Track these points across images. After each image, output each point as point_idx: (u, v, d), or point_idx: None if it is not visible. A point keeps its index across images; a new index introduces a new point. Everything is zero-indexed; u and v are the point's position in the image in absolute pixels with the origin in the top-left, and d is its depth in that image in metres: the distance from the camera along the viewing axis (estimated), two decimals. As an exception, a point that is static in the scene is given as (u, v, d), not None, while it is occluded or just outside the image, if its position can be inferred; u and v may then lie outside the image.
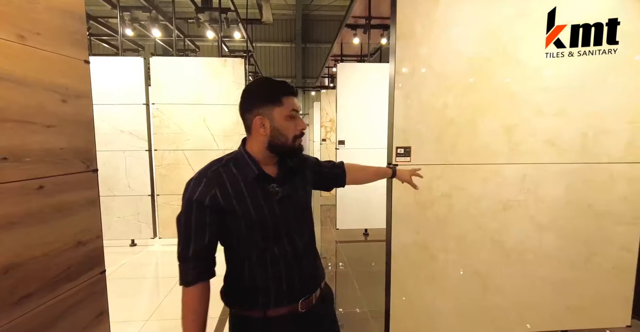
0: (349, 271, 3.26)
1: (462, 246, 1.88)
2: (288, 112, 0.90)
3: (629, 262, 1.99)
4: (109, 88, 3.55)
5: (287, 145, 0.92)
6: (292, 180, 0.98)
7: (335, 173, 1.18)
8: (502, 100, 1.82)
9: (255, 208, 0.89)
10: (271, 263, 0.91)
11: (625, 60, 1.83)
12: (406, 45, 1.74)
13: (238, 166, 0.92)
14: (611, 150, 1.90)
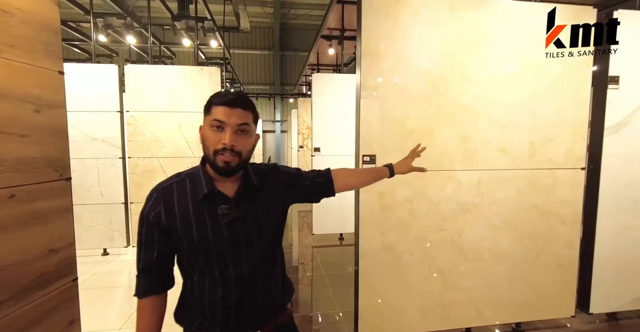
0: (323, 275, 3.35)
1: (424, 246, 2.02)
2: (210, 120, 0.83)
3: (572, 258, 2.20)
4: (81, 95, 3.51)
5: (210, 160, 0.84)
6: (252, 199, 0.90)
7: (319, 183, 1.06)
8: (458, 112, 1.99)
9: (199, 230, 0.84)
10: (210, 288, 0.86)
11: (560, 80, 2.06)
12: (370, 62, 1.88)
13: (193, 181, 0.88)
14: (554, 157, 2.11)
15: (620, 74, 2.16)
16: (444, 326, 2.09)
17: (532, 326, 2.32)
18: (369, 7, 1.84)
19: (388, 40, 1.88)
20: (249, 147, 0.87)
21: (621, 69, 2.16)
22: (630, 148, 2.23)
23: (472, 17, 1.95)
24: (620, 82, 2.17)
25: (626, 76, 2.16)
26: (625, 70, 2.16)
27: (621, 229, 2.29)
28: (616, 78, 2.16)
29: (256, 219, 0.89)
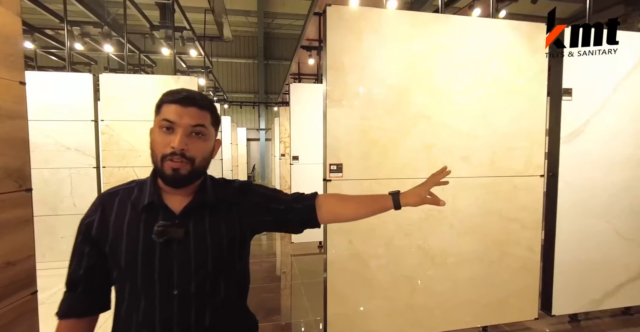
0: (299, 283, 3.36)
1: (391, 252, 2.08)
2: (159, 121, 0.72)
3: (534, 262, 2.29)
4: (55, 104, 3.48)
5: (157, 167, 0.72)
6: (201, 220, 0.75)
7: (297, 210, 0.86)
8: (421, 123, 2.07)
9: (129, 246, 0.71)
10: (136, 322, 0.72)
11: (517, 91, 2.18)
12: (336, 75, 1.95)
13: (140, 190, 0.76)
14: (514, 165, 2.21)
15: (572, 87, 2.30)
16: (412, 330, 2.14)
17: (498, 329, 2.39)
18: (333, 22, 1.91)
19: (352, 54, 1.96)
20: (204, 153, 0.74)
21: (573, 82, 2.29)
22: (584, 156, 2.36)
23: (433, 32, 2.05)
24: (573, 94, 2.30)
25: (578, 88, 2.30)
26: (577, 83, 2.30)
27: (579, 232, 2.40)
28: (569, 90, 2.30)
29: (200, 247, 0.73)
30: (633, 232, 2.49)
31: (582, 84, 2.31)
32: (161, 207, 0.74)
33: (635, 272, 2.53)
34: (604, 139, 2.37)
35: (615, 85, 2.37)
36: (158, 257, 0.71)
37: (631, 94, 2.40)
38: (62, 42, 4.97)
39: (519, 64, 2.19)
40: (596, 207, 2.41)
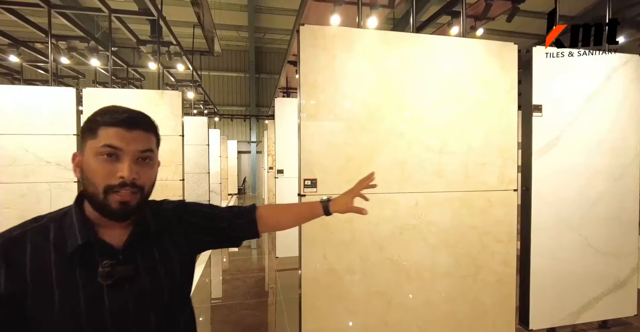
0: (281, 299, 3.32)
1: (365, 267, 2.08)
2: (98, 147, 0.62)
3: (509, 276, 2.31)
4: (36, 118, 3.46)
5: (98, 200, 0.62)
6: (148, 251, 0.70)
7: (238, 224, 0.85)
8: (394, 138, 2.11)
9: (65, 300, 0.60)
10: None
11: (489, 108, 2.24)
12: (310, 91, 1.99)
13: (61, 228, 0.64)
14: (487, 179, 2.25)
15: (542, 103, 2.37)
16: (388, 347, 2.12)
17: (477, 344, 2.38)
18: (306, 41, 1.97)
19: (326, 72, 2.01)
20: (152, 179, 0.70)
21: (543, 99, 2.37)
22: (556, 170, 2.41)
23: (405, 51, 2.12)
24: (544, 110, 2.38)
25: (547, 105, 2.38)
26: (547, 100, 2.38)
27: (554, 245, 2.43)
28: (539, 106, 2.37)
29: (153, 280, 0.68)
30: (606, 244, 2.53)
31: (552, 100, 2.39)
32: (98, 244, 0.64)
33: (610, 285, 2.56)
34: (574, 154, 2.44)
35: (584, 103, 2.45)
36: (108, 302, 0.62)
37: (599, 110, 2.48)
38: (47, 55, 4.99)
39: (490, 81, 2.26)
40: (570, 220, 2.45)
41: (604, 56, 2.50)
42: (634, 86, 2.56)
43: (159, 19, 3.59)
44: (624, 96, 2.54)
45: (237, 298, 3.25)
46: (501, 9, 3.60)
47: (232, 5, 8.44)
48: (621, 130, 2.54)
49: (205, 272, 4.08)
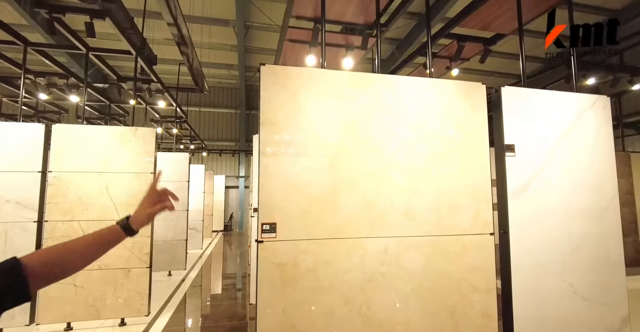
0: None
1: (331, 322, 1.87)
2: None
3: (492, 329, 2.10)
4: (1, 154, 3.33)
5: None
6: None
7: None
8: (362, 179, 2.01)
9: None
10: None
11: (460, 148, 2.18)
12: (270, 131, 1.91)
13: None
14: (461, 222, 2.13)
15: (515, 143, 2.33)
16: None
17: None
18: (267, 80, 1.93)
19: (287, 111, 1.95)
20: None
21: (515, 139, 2.33)
22: (534, 212, 2.30)
23: (371, 90, 2.09)
24: (516, 150, 2.32)
25: (519, 145, 2.33)
26: (518, 140, 2.33)
27: (538, 293, 2.25)
28: (511, 146, 2.32)
29: None
30: (593, 292, 2.36)
31: (525, 140, 2.35)
32: None
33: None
34: (551, 195, 2.35)
35: (556, 143, 2.41)
36: None
37: (572, 151, 2.43)
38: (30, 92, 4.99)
39: (460, 121, 2.22)
40: (552, 266, 2.30)
41: (573, 96, 2.51)
42: (605, 127, 2.55)
43: (137, 57, 3.61)
44: (596, 137, 2.51)
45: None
46: (474, 51, 3.71)
47: (223, 45, 8.73)
48: (597, 171, 2.48)
49: (172, 322, 3.74)
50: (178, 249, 5.68)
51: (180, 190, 5.70)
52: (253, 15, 7.52)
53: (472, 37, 3.30)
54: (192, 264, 6.54)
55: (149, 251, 3.57)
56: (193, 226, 7.47)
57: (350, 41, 3.46)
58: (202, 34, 7.83)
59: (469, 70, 6.31)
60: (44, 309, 3.31)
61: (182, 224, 5.71)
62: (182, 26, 4.61)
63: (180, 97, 8.07)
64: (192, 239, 7.42)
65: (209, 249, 8.58)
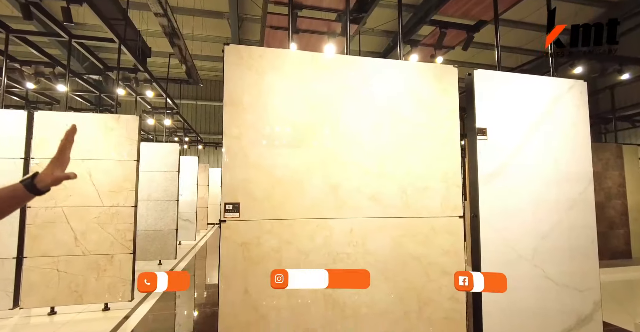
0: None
1: (294, 303, 1.88)
2: None
3: (459, 313, 2.11)
4: (-18, 141, 3.35)
5: None
6: None
7: None
8: (328, 162, 2.01)
9: None
10: None
11: (429, 131, 2.17)
12: (234, 112, 1.91)
13: None
14: (429, 205, 2.13)
15: (487, 126, 2.31)
16: None
17: (427, 392, 2.12)
18: (231, 60, 1.92)
19: (253, 93, 1.94)
20: None
21: (487, 122, 2.31)
22: (506, 196, 2.29)
23: (337, 73, 2.08)
24: (489, 134, 2.31)
25: (492, 129, 2.31)
26: (491, 124, 2.32)
27: (508, 278, 2.25)
28: (483, 130, 2.30)
29: None
30: (565, 277, 2.36)
31: (498, 124, 2.33)
32: None
33: (573, 321, 2.35)
34: (523, 180, 2.34)
35: (530, 128, 2.39)
36: None
37: (547, 136, 2.42)
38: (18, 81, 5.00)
39: (429, 104, 2.20)
40: (523, 251, 2.30)
41: (549, 80, 2.48)
42: (581, 112, 2.53)
43: (120, 46, 3.61)
44: (572, 122, 2.49)
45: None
46: (458, 39, 3.67)
47: (218, 38, 8.68)
48: (571, 158, 2.46)
49: (155, 307, 3.77)
50: (168, 238, 5.71)
51: (169, 180, 5.71)
52: (247, 7, 7.47)
53: (454, 24, 3.26)
54: (184, 255, 6.58)
55: (132, 237, 3.59)
56: (186, 217, 7.50)
57: (332, 28, 3.44)
58: (196, 26, 7.80)
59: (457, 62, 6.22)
60: (26, 294, 3.34)
61: (172, 214, 5.73)
62: (172, 17, 4.59)
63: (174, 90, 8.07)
64: (185, 230, 7.46)
65: (203, 240, 8.63)
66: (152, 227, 5.61)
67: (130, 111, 8.14)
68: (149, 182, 5.59)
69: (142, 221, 5.45)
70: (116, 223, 3.56)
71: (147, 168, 5.49)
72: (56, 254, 3.41)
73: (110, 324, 3.24)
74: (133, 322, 3.32)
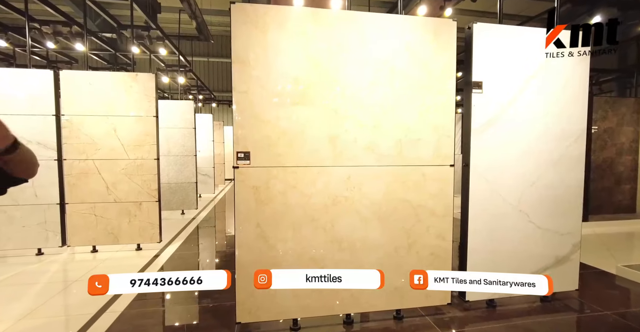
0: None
1: (298, 236, 2.19)
2: None
3: (444, 249, 2.39)
4: (16, 99, 3.64)
5: None
6: None
7: None
8: (326, 115, 2.18)
9: None
10: None
11: (424, 86, 2.28)
12: (242, 69, 2.07)
13: None
14: (422, 155, 2.32)
15: (483, 80, 2.40)
16: (320, 312, 2.25)
17: (413, 313, 2.49)
18: (238, 18, 2.04)
19: (257, 49, 2.08)
20: None
21: (483, 76, 2.39)
22: (497, 146, 2.45)
23: (337, 28, 2.17)
24: (484, 87, 2.40)
25: (488, 83, 2.40)
26: (487, 77, 2.40)
27: (494, 221, 2.49)
28: (479, 83, 2.40)
29: None
30: (547, 221, 2.58)
31: (493, 78, 2.41)
32: None
33: (551, 260, 2.61)
34: (515, 132, 2.47)
35: (525, 82, 2.46)
36: None
37: (543, 88, 2.49)
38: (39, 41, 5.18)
39: (424, 58, 2.29)
40: (509, 197, 2.50)
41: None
42: (581, 66, 2.55)
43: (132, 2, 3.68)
44: (571, 75, 2.53)
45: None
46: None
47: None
48: (565, 111, 2.55)
49: (181, 248, 4.26)
50: (189, 191, 6.18)
51: (186, 136, 6.03)
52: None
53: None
54: (204, 206, 7.12)
55: (156, 187, 3.97)
56: (205, 172, 7.96)
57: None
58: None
59: (466, 11, 5.91)
60: (71, 235, 3.86)
61: (191, 168, 6.13)
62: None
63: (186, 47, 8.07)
64: (204, 184, 7.96)
65: (222, 193, 9.20)
66: (174, 180, 6.05)
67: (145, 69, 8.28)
68: (168, 138, 5.92)
69: (163, 174, 5.88)
70: (142, 174, 3.93)
71: (165, 125, 5.78)
72: (92, 201, 3.85)
73: (143, 261, 3.74)
74: (162, 259, 3.82)
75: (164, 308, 2.73)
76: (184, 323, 2.46)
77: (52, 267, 3.58)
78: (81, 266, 3.64)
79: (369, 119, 2.24)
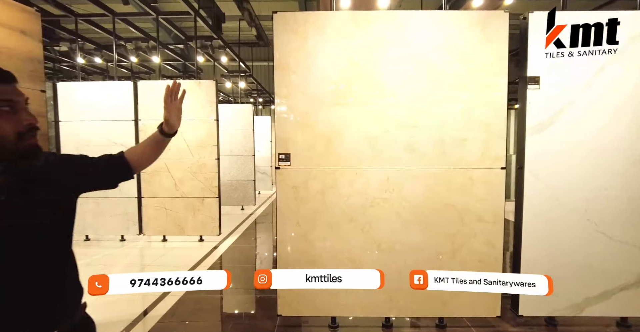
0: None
1: (336, 235, 2.24)
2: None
3: (494, 257, 2.24)
4: (104, 107, 4.27)
5: (8, 147, 0.73)
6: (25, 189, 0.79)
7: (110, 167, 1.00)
8: (365, 116, 2.19)
9: None
10: None
11: (469, 82, 2.15)
12: (283, 74, 2.18)
13: None
14: (467, 157, 2.20)
15: (539, 75, 2.18)
16: (358, 313, 2.27)
17: (459, 323, 2.37)
18: (279, 27, 2.15)
19: (298, 55, 2.17)
20: None
21: (541, 70, 2.18)
22: (557, 148, 2.21)
23: (375, 28, 2.15)
24: (541, 82, 2.19)
25: (546, 77, 2.18)
26: (545, 72, 2.18)
27: (553, 229, 2.26)
28: (536, 78, 2.19)
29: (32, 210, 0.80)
30: (622, 232, 2.25)
31: (554, 71, 2.18)
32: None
33: (630, 279, 2.27)
34: (580, 132, 2.20)
35: (596, 73, 2.17)
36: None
37: (614, 82, 2.17)
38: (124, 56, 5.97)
39: (468, 54, 2.15)
40: (573, 204, 2.24)
41: (627, 15, 2.16)
42: (671, 50, 2.17)
43: (195, 17, 4.06)
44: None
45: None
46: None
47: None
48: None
49: (239, 240, 4.58)
50: (248, 188, 6.59)
51: (246, 137, 6.44)
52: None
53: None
54: (262, 202, 7.53)
55: (217, 184, 4.33)
56: (263, 170, 8.41)
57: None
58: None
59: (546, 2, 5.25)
60: (146, 225, 4.39)
61: (250, 167, 6.53)
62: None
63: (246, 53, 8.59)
64: (263, 182, 8.41)
65: (279, 192, 9.63)
66: (235, 177, 6.51)
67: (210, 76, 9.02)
68: (230, 139, 6.38)
69: (225, 172, 6.36)
70: (204, 172, 4.31)
71: (227, 127, 6.24)
72: (163, 196, 4.34)
73: (204, 251, 4.11)
74: (221, 250, 4.15)
75: (219, 295, 2.99)
76: (232, 312, 2.67)
77: (132, 252, 4.13)
78: (154, 252, 4.14)
79: (407, 118, 2.19)
